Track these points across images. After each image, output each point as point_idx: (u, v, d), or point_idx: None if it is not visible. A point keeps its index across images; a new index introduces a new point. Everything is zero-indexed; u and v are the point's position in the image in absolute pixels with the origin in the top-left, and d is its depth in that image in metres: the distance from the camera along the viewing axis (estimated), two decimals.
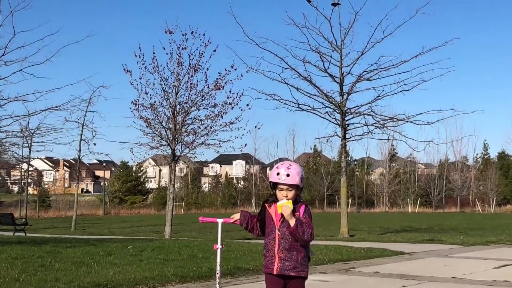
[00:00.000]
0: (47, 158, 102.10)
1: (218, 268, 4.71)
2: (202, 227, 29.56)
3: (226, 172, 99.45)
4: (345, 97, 21.29)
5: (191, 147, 21.41)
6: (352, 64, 21.26)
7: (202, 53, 20.75)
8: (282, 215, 4.29)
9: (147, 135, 21.27)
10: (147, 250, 13.57)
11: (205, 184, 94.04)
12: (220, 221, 4.83)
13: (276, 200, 4.39)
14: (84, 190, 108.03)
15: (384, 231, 25.24)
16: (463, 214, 61.97)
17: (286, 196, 4.32)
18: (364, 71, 21.13)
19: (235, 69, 20.87)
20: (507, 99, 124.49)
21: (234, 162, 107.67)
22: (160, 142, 21.44)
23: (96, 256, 12.16)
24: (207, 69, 20.91)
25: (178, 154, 21.51)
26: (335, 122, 21.61)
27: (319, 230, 24.62)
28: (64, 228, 32.48)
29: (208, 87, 20.85)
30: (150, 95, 20.80)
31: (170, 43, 20.85)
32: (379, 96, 21.02)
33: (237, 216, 4.57)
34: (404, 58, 20.56)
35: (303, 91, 21.59)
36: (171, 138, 20.95)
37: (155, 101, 20.82)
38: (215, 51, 20.94)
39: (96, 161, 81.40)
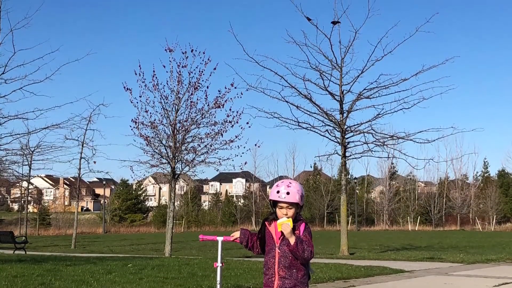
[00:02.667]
0: (47, 176, 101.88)
1: (218, 286, 4.72)
2: (202, 245, 29.48)
3: (226, 190, 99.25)
4: (345, 115, 21.37)
5: (191, 165, 21.40)
6: (352, 82, 21.39)
7: (202, 71, 20.85)
8: (282, 233, 4.30)
9: (147, 153, 21.28)
10: (147, 268, 13.55)
11: (205, 202, 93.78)
12: (220, 239, 4.83)
13: (276, 218, 4.39)
14: (84, 208, 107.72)
15: (384, 249, 25.19)
16: (463, 232, 61.77)
17: (286, 214, 4.33)
18: (364, 89, 21.24)
19: (235, 87, 21.03)
20: (507, 117, 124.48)
21: (234, 180, 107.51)
22: (160, 160, 21.42)
23: (96, 274, 12.15)
24: (207, 87, 20.99)
25: (178, 172, 21.51)
26: (335, 140, 21.68)
27: (319, 248, 24.59)
28: (64, 246, 32.39)
29: (208, 105, 20.91)
30: (150, 113, 20.84)
31: (170, 61, 20.99)
32: (379, 114, 21.12)
33: (237, 234, 4.57)
34: (404, 76, 20.67)
35: (303, 109, 21.70)
36: (171, 156, 20.96)
37: (155, 119, 20.87)
38: (215, 69, 21.08)
39: (96, 179, 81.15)
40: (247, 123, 20.97)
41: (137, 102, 20.79)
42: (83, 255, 21.15)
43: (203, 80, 20.88)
